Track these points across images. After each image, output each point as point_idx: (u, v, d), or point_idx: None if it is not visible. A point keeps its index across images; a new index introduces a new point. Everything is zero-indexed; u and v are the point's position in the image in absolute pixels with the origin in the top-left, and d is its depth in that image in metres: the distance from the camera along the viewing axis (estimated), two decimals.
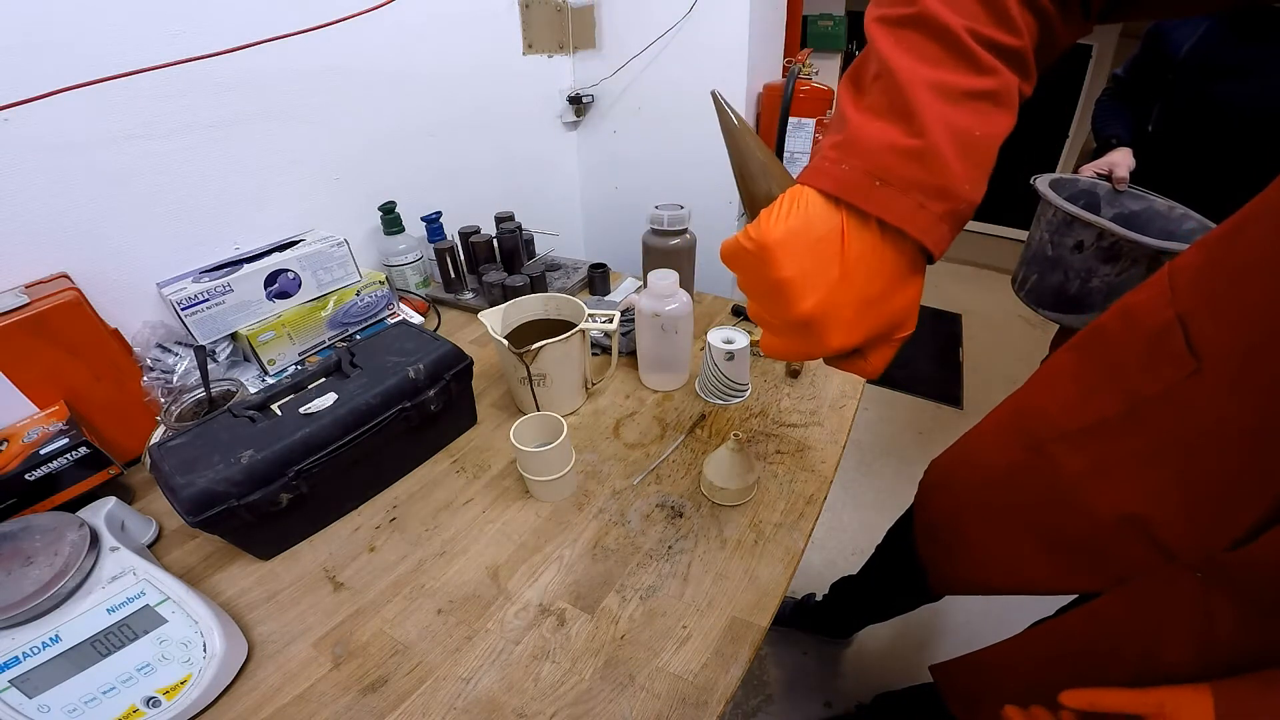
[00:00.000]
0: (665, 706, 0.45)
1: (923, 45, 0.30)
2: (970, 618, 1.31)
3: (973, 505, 0.68)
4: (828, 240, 0.30)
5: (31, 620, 0.43)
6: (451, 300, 1.02)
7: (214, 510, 0.50)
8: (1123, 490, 0.48)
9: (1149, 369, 0.46)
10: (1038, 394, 0.61)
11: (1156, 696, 0.43)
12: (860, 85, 0.32)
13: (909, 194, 0.29)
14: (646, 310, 0.72)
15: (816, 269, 0.30)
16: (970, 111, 0.30)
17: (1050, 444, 0.55)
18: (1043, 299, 1.20)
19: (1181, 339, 0.43)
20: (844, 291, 0.31)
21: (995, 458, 0.64)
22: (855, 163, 0.30)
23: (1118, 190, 1.22)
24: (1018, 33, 0.31)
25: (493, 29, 1.15)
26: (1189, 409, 0.43)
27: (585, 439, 0.72)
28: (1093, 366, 0.53)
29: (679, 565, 0.55)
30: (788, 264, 0.30)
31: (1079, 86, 3.20)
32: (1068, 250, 1.11)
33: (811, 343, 0.32)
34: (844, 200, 0.30)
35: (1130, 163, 1.22)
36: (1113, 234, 1.01)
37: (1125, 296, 0.53)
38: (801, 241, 0.30)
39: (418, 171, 1.09)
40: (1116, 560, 0.50)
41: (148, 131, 0.72)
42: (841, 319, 0.31)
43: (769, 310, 0.33)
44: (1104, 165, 1.24)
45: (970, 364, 2.33)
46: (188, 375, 0.71)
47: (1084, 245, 1.08)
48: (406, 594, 0.54)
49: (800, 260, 0.30)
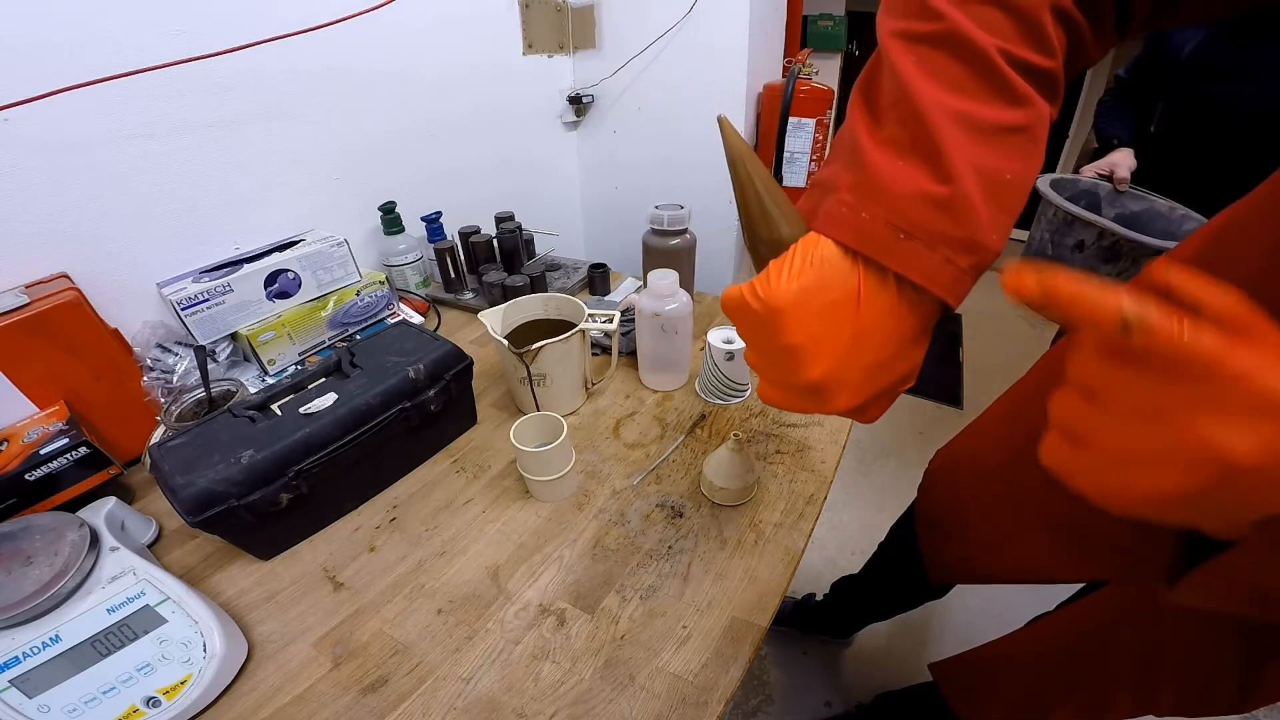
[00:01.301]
0: (665, 706, 0.45)
1: (949, 68, 0.27)
2: (970, 617, 1.31)
3: (975, 493, 0.68)
4: (843, 304, 0.28)
5: (31, 620, 0.43)
6: (451, 300, 1.02)
7: (214, 510, 0.50)
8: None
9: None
10: (1039, 383, 0.61)
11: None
12: (876, 110, 0.29)
13: (936, 249, 0.26)
14: (646, 310, 0.72)
15: (828, 334, 0.28)
16: (1001, 149, 0.27)
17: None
18: None
19: None
20: (856, 357, 0.28)
21: (997, 447, 0.64)
22: (875, 210, 0.27)
23: (1119, 191, 1.23)
24: (1051, 53, 0.28)
25: (493, 29, 1.15)
26: None
27: (585, 439, 0.72)
28: None
29: (679, 565, 0.56)
30: (798, 330, 0.28)
31: (1079, 87, 3.20)
32: (1068, 250, 1.11)
33: (816, 405, 0.30)
34: (864, 255, 0.27)
35: (1131, 163, 1.22)
36: (1113, 233, 1.01)
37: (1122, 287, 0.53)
38: (814, 304, 0.28)
39: (418, 171, 1.09)
40: (1118, 547, 0.50)
41: (148, 131, 0.72)
42: (850, 384, 0.29)
43: (772, 371, 0.31)
44: (1105, 166, 1.25)
45: (970, 364, 2.33)
46: (188, 375, 0.71)
47: (1084, 245, 1.08)
48: (406, 594, 0.54)
49: (811, 325, 0.28)
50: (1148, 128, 1.32)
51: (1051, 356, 0.62)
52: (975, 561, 0.69)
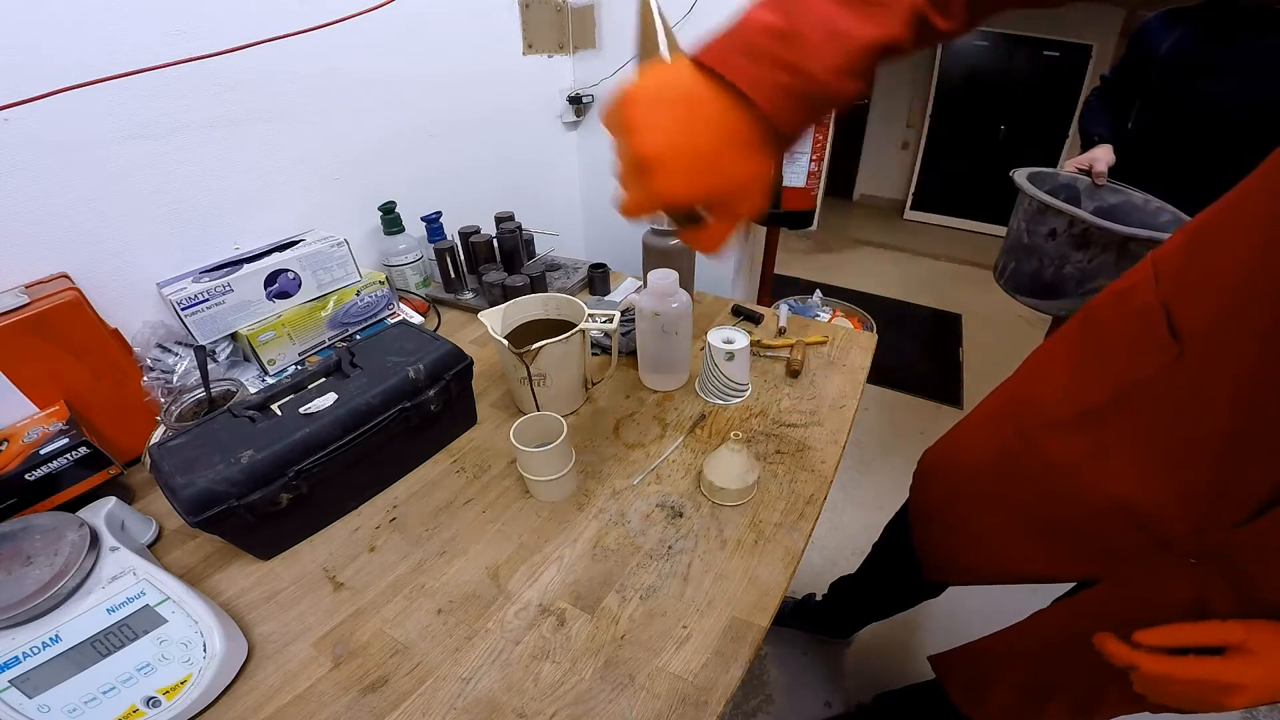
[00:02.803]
0: (665, 706, 0.45)
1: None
2: (970, 617, 1.31)
3: (965, 491, 0.69)
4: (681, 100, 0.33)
5: (31, 620, 0.43)
6: (451, 300, 1.02)
7: (214, 510, 0.50)
8: (1113, 476, 0.49)
9: (1135, 355, 0.47)
10: (1029, 381, 0.62)
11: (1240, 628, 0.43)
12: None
13: (760, 63, 0.32)
14: (646, 310, 0.72)
15: (663, 117, 0.33)
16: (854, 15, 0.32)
17: (1041, 430, 0.56)
18: (1020, 285, 1.26)
19: (1164, 324, 0.45)
20: (681, 137, 0.33)
21: (987, 444, 0.65)
22: (729, 40, 0.33)
23: (1097, 185, 1.27)
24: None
25: (493, 29, 1.15)
26: (1174, 394, 0.44)
27: (585, 439, 0.72)
28: (1082, 354, 0.55)
29: (679, 565, 0.56)
30: (639, 110, 0.33)
31: (1079, 87, 3.20)
32: (1042, 238, 1.16)
33: (648, 186, 0.34)
34: (703, 64, 0.33)
35: (1110, 158, 1.27)
36: (1083, 221, 1.05)
37: (1113, 284, 0.55)
38: (658, 93, 0.33)
39: (418, 171, 1.09)
40: (1106, 546, 0.51)
41: (148, 131, 0.72)
42: (677, 167, 0.33)
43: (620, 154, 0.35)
44: (1085, 161, 1.29)
45: (970, 364, 2.33)
46: (188, 375, 0.71)
47: (1057, 232, 1.13)
48: (406, 594, 0.54)
49: (651, 108, 0.33)
50: (1127, 125, 1.36)
51: (1039, 354, 0.63)
52: (966, 559, 0.69)
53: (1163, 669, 0.45)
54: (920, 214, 4.00)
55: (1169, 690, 0.45)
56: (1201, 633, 0.44)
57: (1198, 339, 0.42)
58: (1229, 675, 0.42)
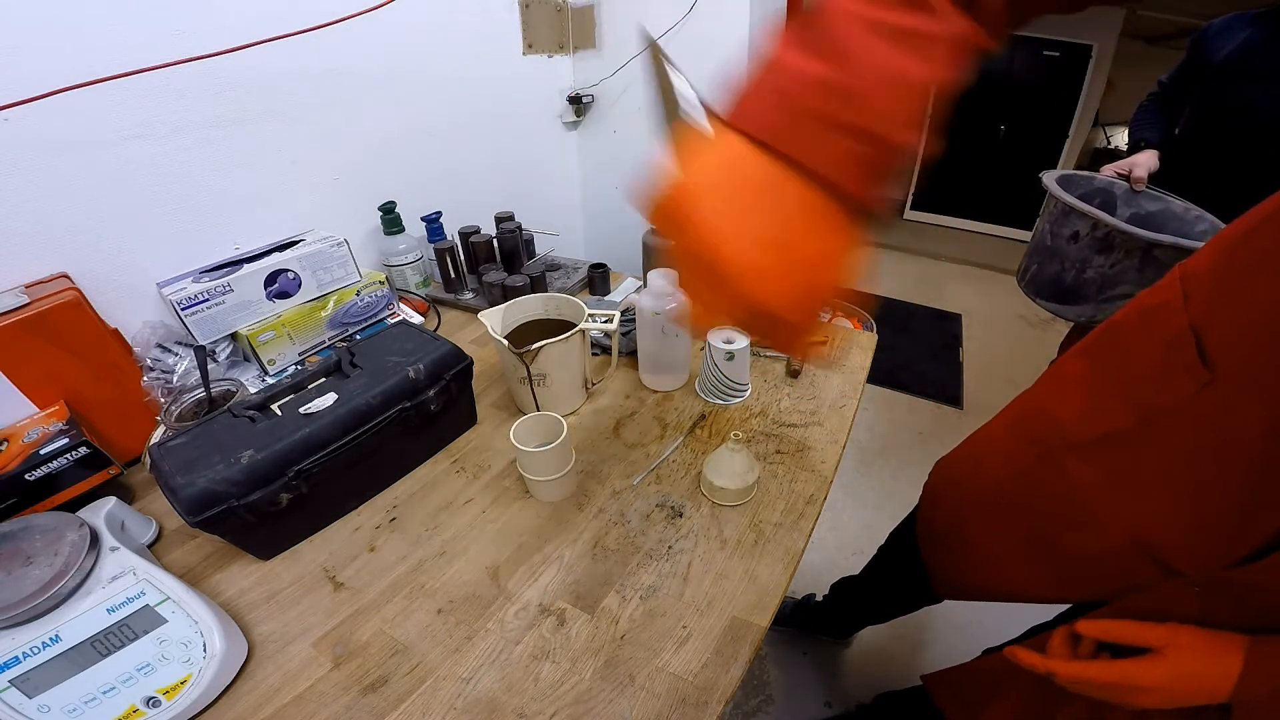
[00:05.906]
0: (665, 706, 0.45)
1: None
2: (971, 619, 1.31)
3: (979, 511, 0.67)
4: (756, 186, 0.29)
5: (31, 620, 0.43)
6: (451, 300, 1.02)
7: (214, 510, 0.50)
8: (1132, 505, 0.47)
9: (1161, 380, 0.44)
10: (1048, 400, 0.59)
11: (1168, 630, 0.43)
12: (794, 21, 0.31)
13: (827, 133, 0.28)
14: (646, 310, 0.72)
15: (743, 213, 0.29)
16: (905, 52, 0.28)
17: (1060, 454, 0.53)
18: (1041, 289, 1.23)
19: (1194, 349, 0.42)
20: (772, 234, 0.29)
21: (1003, 464, 0.63)
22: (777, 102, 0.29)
23: (1135, 190, 1.23)
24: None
25: (493, 29, 1.15)
26: (1201, 423, 0.41)
27: (585, 439, 0.72)
28: (1104, 375, 0.52)
29: (679, 565, 0.55)
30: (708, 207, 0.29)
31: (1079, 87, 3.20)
32: (1064, 240, 1.13)
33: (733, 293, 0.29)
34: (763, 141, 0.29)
35: (1152, 165, 1.22)
36: (1106, 225, 1.03)
37: (1137, 300, 0.51)
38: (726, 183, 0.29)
39: (418, 171, 1.09)
40: (1118, 575, 0.50)
41: (148, 131, 0.72)
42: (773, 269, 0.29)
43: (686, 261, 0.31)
44: (1125, 165, 1.25)
45: (970, 364, 2.33)
46: (188, 375, 0.71)
47: (1079, 235, 1.10)
48: (406, 594, 0.54)
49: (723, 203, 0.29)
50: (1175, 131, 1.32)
51: (1059, 371, 0.60)
52: (977, 581, 0.68)
53: (1078, 673, 0.45)
54: (920, 214, 4.00)
55: (1089, 692, 0.46)
56: (1128, 631, 0.44)
57: (1231, 366, 0.39)
58: (1136, 678, 0.42)
